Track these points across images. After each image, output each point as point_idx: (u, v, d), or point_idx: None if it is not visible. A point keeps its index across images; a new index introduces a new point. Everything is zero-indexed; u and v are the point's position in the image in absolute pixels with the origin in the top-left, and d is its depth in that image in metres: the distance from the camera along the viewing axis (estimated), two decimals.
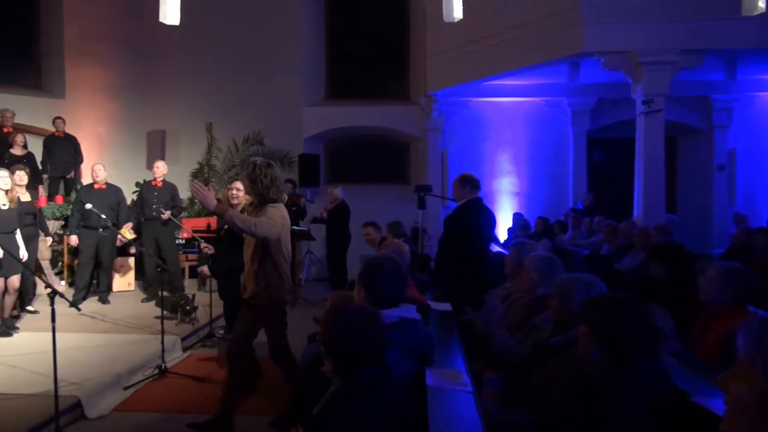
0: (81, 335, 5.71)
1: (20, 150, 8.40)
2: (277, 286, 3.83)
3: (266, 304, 3.84)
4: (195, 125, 10.61)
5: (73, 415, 4.04)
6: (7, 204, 5.76)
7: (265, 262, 3.78)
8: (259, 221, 3.63)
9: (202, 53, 10.55)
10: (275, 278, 3.81)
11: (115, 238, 7.46)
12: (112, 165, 10.14)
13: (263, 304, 3.83)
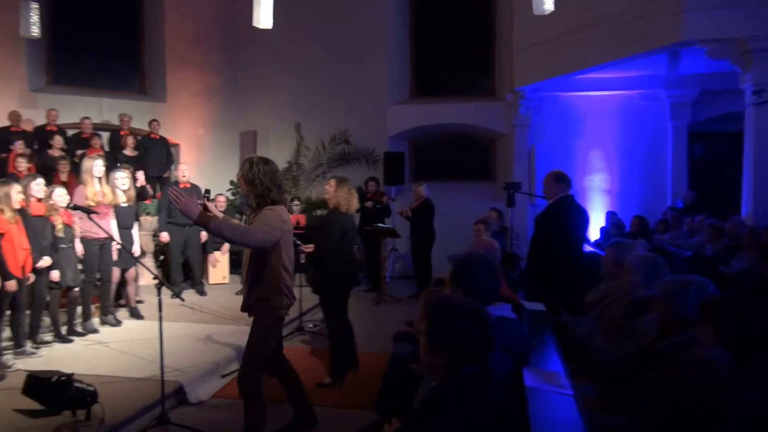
0: (182, 324, 6.05)
1: (131, 151, 9.02)
2: (273, 298, 3.44)
3: (259, 315, 3.50)
4: (284, 125, 10.96)
5: (176, 399, 4.28)
6: (126, 202, 6.18)
7: (261, 273, 3.40)
8: (252, 229, 3.31)
9: (292, 56, 10.88)
10: (272, 290, 3.42)
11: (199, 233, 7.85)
12: (209, 164, 10.73)
13: (257, 315, 3.52)
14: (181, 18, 10.88)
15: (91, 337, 5.61)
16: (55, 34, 10.18)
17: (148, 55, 11.13)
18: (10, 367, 4.60)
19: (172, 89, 10.94)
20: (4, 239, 4.54)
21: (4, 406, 3.87)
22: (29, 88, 9.84)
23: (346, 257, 4.85)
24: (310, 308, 7.26)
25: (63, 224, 5.33)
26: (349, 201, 4.80)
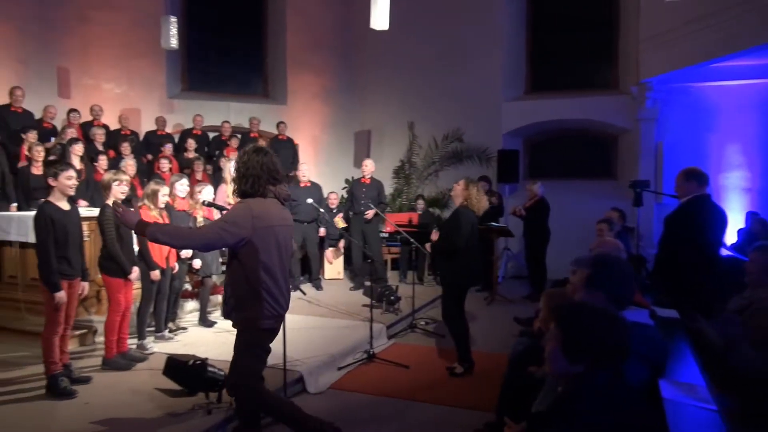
0: (300, 317, 6.31)
1: None
2: (251, 306, 3.04)
3: (239, 328, 3.16)
4: (398, 124, 11.10)
5: (297, 388, 4.47)
6: None
7: (235, 277, 3.07)
8: (199, 230, 3.13)
9: (405, 55, 10.98)
10: (248, 297, 3.04)
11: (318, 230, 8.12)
12: (325, 163, 11.09)
13: (237, 326, 3.17)
14: (301, 25, 11.36)
15: (221, 324, 6.01)
16: (189, 45, 11.03)
17: (271, 62, 11.75)
18: (149, 350, 5.03)
19: (292, 93, 11.47)
20: None
21: (147, 383, 4.25)
22: (168, 95, 10.74)
23: (472, 254, 4.94)
24: (423, 305, 7.31)
25: (204, 218, 5.76)
26: (479, 200, 4.92)
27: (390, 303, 6.74)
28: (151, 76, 10.49)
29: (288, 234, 3.21)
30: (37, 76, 9.25)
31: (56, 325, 4.06)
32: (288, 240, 3.19)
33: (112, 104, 9.77)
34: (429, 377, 4.92)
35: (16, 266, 5.68)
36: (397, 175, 11.07)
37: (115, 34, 10.05)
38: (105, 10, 9.92)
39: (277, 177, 3.12)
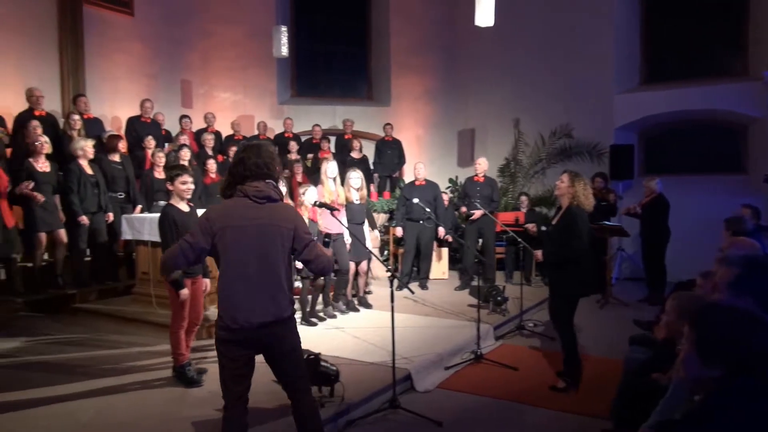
0: (406, 316, 6.37)
1: (357, 153, 9.79)
2: (220, 315, 2.79)
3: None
4: (502, 122, 10.90)
5: (405, 386, 4.51)
6: (358, 199, 6.73)
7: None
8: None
9: (510, 51, 10.76)
10: (220, 305, 2.80)
11: (434, 229, 8.12)
12: (430, 162, 11.10)
13: None
14: (404, 27, 11.48)
15: (330, 322, 6.21)
16: (298, 53, 11.51)
17: (374, 65, 11.98)
18: None
19: (395, 94, 11.62)
20: None
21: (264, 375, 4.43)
22: (278, 102, 11.27)
23: (586, 259, 4.47)
24: (531, 307, 7.12)
25: (309, 220, 5.98)
26: (586, 195, 4.45)
27: (497, 303, 6.63)
28: (263, 84, 11.06)
29: (261, 233, 2.72)
30: (164, 89, 10.06)
31: (181, 319, 4.37)
32: (262, 240, 2.72)
33: (228, 112, 10.43)
34: (538, 380, 4.78)
35: (149, 264, 6.20)
36: (502, 174, 10.86)
37: (231, 47, 10.71)
38: (223, 24, 10.61)
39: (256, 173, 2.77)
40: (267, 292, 2.74)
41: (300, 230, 2.84)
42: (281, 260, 2.78)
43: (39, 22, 8.42)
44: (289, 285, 2.85)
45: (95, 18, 9.05)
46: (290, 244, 2.81)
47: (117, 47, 9.40)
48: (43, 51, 8.46)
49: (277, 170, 2.88)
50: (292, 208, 3.00)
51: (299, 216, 2.93)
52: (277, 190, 2.85)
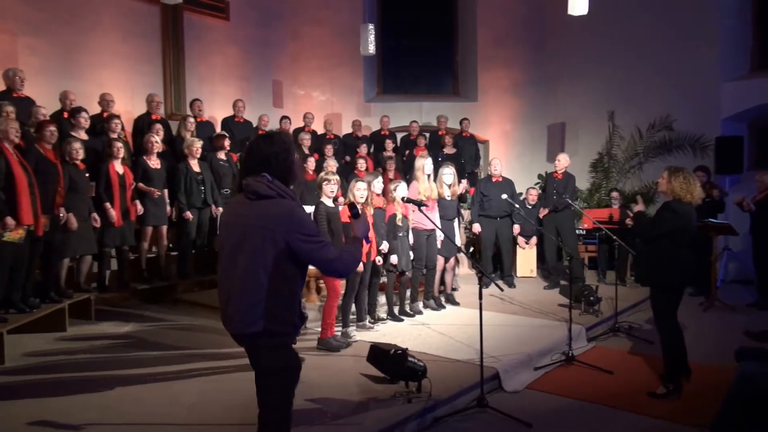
0: (493, 314, 6.25)
1: (450, 149, 9.73)
2: None
3: None
4: (595, 115, 10.45)
5: (493, 385, 4.43)
6: (449, 195, 6.69)
7: None
8: None
9: (604, 41, 10.29)
10: None
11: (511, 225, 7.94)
12: (518, 158, 10.88)
13: None
14: (492, 20, 11.28)
15: (416, 318, 6.21)
16: (384, 51, 11.60)
17: (461, 59, 11.85)
18: (352, 337, 5.38)
19: (482, 89, 11.44)
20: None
21: (352, 369, 4.55)
22: (364, 100, 11.41)
23: (681, 250, 4.33)
24: (626, 308, 6.79)
25: (402, 215, 6.01)
26: (687, 190, 4.26)
27: (589, 304, 6.37)
28: (350, 83, 11.24)
29: (245, 234, 2.42)
30: (256, 90, 10.46)
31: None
32: (245, 242, 2.41)
33: (316, 111, 10.68)
34: (635, 385, 4.54)
35: None
36: (594, 169, 10.42)
37: (319, 47, 10.97)
38: (312, 25, 10.89)
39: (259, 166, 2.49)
40: (238, 303, 2.42)
41: (294, 232, 2.39)
42: (258, 269, 2.37)
43: (143, 30, 8.99)
44: (277, 299, 2.40)
45: (194, 24, 9.56)
46: (281, 249, 2.38)
47: (213, 51, 9.87)
48: (148, 57, 9.04)
49: (289, 165, 2.54)
50: (284, 206, 2.44)
51: (295, 215, 2.44)
52: (273, 185, 2.44)
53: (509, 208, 7.65)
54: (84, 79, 8.20)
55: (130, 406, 3.78)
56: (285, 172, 2.52)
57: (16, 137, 4.93)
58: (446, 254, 6.64)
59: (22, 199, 4.79)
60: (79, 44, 8.28)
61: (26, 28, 7.74)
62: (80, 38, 8.31)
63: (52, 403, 3.84)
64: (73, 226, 5.65)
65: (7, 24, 7.59)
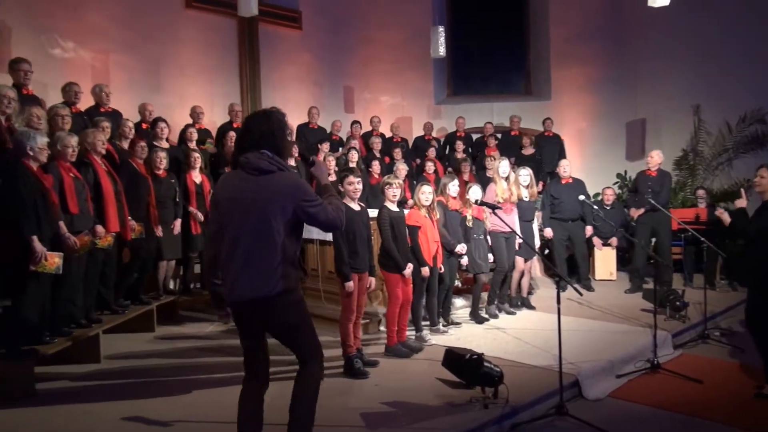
0: (571, 318, 6.04)
1: (528, 150, 9.54)
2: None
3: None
4: (679, 110, 9.94)
5: (572, 392, 4.28)
6: (527, 197, 6.57)
7: None
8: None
9: (688, 32, 9.77)
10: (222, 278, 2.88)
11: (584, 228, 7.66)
12: (594, 157, 10.53)
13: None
14: (565, 15, 10.97)
15: (491, 322, 6.12)
16: (454, 53, 11.52)
17: (533, 58, 11.60)
18: (427, 342, 5.36)
19: (556, 87, 11.15)
20: (420, 231, 5.31)
21: (427, 373, 4.54)
22: (435, 102, 11.39)
23: None
24: (717, 313, 6.41)
25: (473, 218, 5.95)
26: None
27: (675, 309, 6.05)
28: (420, 86, 11.25)
29: (251, 207, 2.66)
30: (328, 96, 10.67)
31: (350, 312, 4.59)
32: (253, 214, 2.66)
33: (387, 114, 10.76)
34: (728, 396, 4.28)
35: (317, 260, 6.60)
36: (678, 167, 9.90)
37: (389, 51, 11.05)
38: (382, 30, 10.99)
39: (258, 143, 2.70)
40: (257, 269, 2.66)
41: (299, 200, 2.66)
42: (274, 236, 2.64)
43: (222, 43, 9.39)
44: (289, 260, 2.70)
45: (269, 34, 9.87)
46: (289, 217, 2.66)
47: (287, 59, 10.16)
48: (226, 68, 9.42)
49: (284, 141, 2.77)
50: (289, 178, 2.71)
51: (298, 184, 2.72)
52: (273, 160, 2.68)
53: (582, 210, 7.40)
54: (166, 91, 8.66)
55: (213, 405, 3.93)
56: (281, 148, 2.75)
57: (102, 149, 5.23)
58: (525, 256, 6.51)
59: (109, 208, 5.07)
60: (162, 59, 8.75)
61: (116, 46, 8.26)
62: (164, 53, 8.78)
63: (143, 400, 4.06)
64: (158, 233, 5.97)
65: (101, 43, 8.13)
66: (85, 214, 4.78)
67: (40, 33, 7.56)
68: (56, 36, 7.76)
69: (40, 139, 4.29)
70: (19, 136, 4.26)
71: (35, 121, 4.77)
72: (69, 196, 4.59)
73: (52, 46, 7.70)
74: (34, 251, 4.03)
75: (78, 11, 7.96)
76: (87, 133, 5.16)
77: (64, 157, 4.70)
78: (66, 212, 4.55)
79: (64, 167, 4.67)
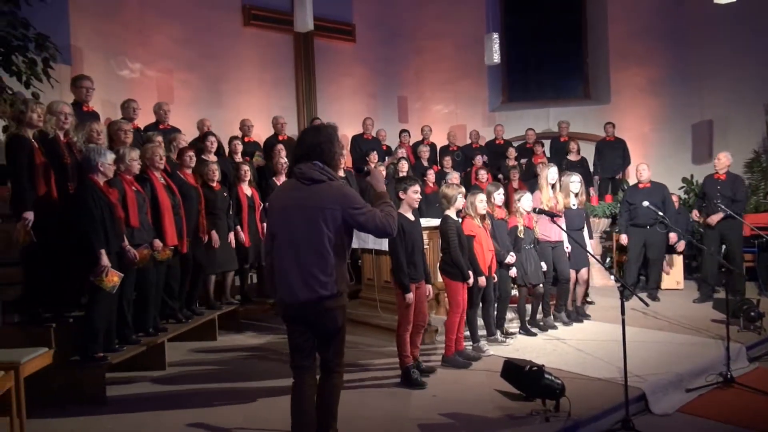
0: (636, 329, 5.83)
1: (575, 156, 9.32)
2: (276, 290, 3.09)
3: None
4: (749, 109, 9.49)
5: (638, 407, 4.11)
6: (576, 204, 6.41)
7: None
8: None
9: (755, 28, 9.36)
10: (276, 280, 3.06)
11: (665, 235, 7.35)
12: (658, 162, 10.13)
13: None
14: (625, 14, 10.67)
15: (549, 333, 5.97)
16: (509, 59, 11.39)
17: (591, 60, 11.33)
18: (485, 352, 5.27)
19: (615, 90, 10.85)
20: (475, 240, 5.24)
21: (485, 384, 4.47)
22: (489, 109, 11.28)
23: None
24: None
25: (524, 227, 5.84)
26: None
27: (750, 320, 5.73)
28: (475, 94, 11.19)
29: (303, 214, 2.85)
30: (383, 106, 10.76)
31: (407, 323, 4.57)
32: (304, 221, 2.84)
33: (441, 123, 10.75)
34: None
35: (373, 270, 6.63)
36: (750, 169, 9.42)
37: (443, 60, 11.06)
38: (435, 39, 11.01)
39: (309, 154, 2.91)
40: (309, 273, 2.83)
41: (347, 208, 2.83)
42: (324, 242, 2.82)
43: (278, 58, 9.65)
44: (337, 267, 2.88)
45: (324, 48, 10.07)
46: (338, 224, 2.83)
47: (342, 72, 10.32)
48: (282, 82, 9.66)
49: (333, 153, 2.93)
50: (337, 188, 2.89)
51: (346, 193, 2.89)
52: (324, 171, 2.87)
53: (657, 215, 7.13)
54: (226, 107, 8.96)
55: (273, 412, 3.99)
56: (330, 159, 2.92)
57: (160, 164, 5.34)
58: (575, 266, 6.33)
59: (166, 222, 5.17)
60: (222, 76, 9.07)
61: (180, 65, 8.63)
62: (224, 70, 9.10)
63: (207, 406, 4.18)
64: (216, 244, 6.10)
65: (165, 63, 8.51)
66: (145, 227, 4.91)
67: (109, 56, 7.98)
68: (125, 58, 8.17)
69: (109, 156, 4.47)
70: (88, 153, 4.43)
71: (95, 136, 4.96)
72: (131, 209, 4.72)
73: (120, 68, 8.12)
74: (99, 264, 4.18)
75: (144, 33, 8.36)
76: (146, 149, 5.30)
77: (128, 171, 4.85)
78: (127, 225, 4.68)
79: (127, 181, 4.80)
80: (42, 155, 4.33)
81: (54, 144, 4.50)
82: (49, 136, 4.48)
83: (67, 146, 4.62)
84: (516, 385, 4.10)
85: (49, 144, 4.46)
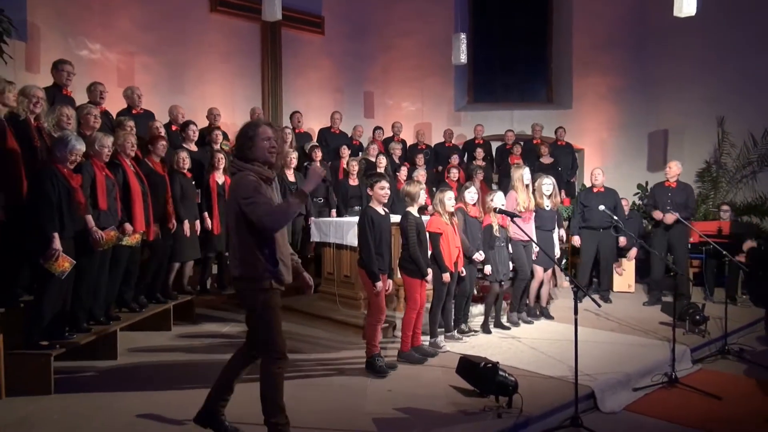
0: (588, 330, 5.99)
1: (546, 159, 9.49)
2: None
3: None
4: (702, 121, 9.82)
5: (588, 404, 4.23)
6: (549, 206, 6.52)
7: None
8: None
9: (713, 43, 9.69)
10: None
11: (616, 238, 7.56)
12: (614, 168, 10.41)
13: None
14: (589, 24, 10.91)
15: (507, 331, 6.07)
16: (475, 60, 11.50)
17: (555, 66, 11.54)
18: (441, 348, 5.33)
19: (577, 95, 11.08)
20: (441, 237, 5.29)
21: (441, 380, 4.52)
22: (454, 109, 11.38)
23: None
24: (737, 329, 6.30)
25: (499, 225, 5.91)
26: None
27: (695, 323, 5.95)
28: (441, 92, 11.26)
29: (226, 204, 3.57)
30: (349, 101, 10.72)
31: (378, 311, 4.62)
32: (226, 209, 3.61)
33: (407, 120, 10.78)
34: (747, 413, 4.20)
35: (333, 264, 6.62)
36: (701, 179, 9.78)
37: (410, 57, 11.09)
38: (403, 37, 11.03)
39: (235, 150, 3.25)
40: (231, 254, 3.38)
41: (238, 197, 3.04)
42: (234, 227, 3.15)
43: (244, 47, 9.50)
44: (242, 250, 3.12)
45: (291, 39, 9.96)
46: (237, 211, 3.06)
47: (309, 64, 10.24)
48: (248, 72, 9.52)
49: (243, 146, 3.13)
50: (236, 179, 3.13)
51: (239, 183, 3.09)
52: (234, 164, 3.18)
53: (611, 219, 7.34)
54: (189, 94, 8.77)
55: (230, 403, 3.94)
56: (241, 153, 3.16)
57: (132, 150, 5.33)
58: (544, 265, 6.46)
59: (137, 208, 5.17)
60: (186, 62, 8.88)
61: (142, 49, 8.41)
62: (188, 57, 8.90)
63: (159, 397, 4.10)
64: (187, 233, 6.02)
65: (127, 46, 8.28)
66: (113, 212, 4.87)
67: (68, 35, 7.71)
68: (84, 38, 7.92)
69: (79, 147, 4.35)
70: (58, 142, 4.32)
71: (65, 120, 4.85)
72: (100, 192, 4.69)
73: (79, 48, 7.86)
74: (51, 248, 4.09)
75: (105, 15, 8.12)
76: (118, 135, 5.28)
77: (99, 157, 4.81)
78: (95, 208, 4.65)
79: (98, 165, 4.78)
80: (13, 137, 4.30)
81: (25, 126, 4.48)
82: (20, 118, 4.46)
83: (37, 130, 4.60)
84: (471, 381, 4.16)
85: (20, 126, 4.44)
